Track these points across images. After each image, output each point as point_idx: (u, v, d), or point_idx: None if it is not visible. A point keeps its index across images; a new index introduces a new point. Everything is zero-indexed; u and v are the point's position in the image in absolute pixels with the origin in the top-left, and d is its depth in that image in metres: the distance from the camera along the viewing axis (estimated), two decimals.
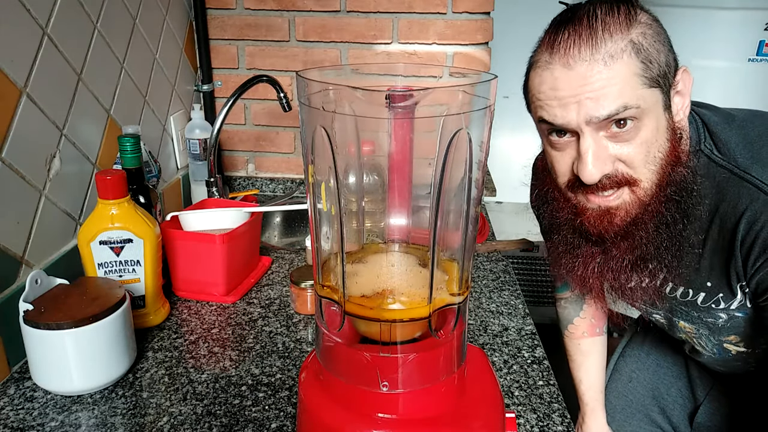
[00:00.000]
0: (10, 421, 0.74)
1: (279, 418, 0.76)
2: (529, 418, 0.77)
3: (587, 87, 0.67)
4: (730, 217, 0.73)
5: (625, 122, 0.68)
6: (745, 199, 0.71)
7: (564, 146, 0.73)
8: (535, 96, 0.73)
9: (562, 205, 0.78)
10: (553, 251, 0.85)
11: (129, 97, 1.17)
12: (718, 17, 1.98)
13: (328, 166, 0.52)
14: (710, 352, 0.90)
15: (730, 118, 0.78)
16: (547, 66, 0.70)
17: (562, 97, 0.69)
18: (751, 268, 0.72)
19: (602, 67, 0.66)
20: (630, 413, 1.12)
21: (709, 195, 0.74)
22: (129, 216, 0.88)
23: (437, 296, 0.54)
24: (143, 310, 0.95)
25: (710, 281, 0.79)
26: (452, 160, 0.52)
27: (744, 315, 0.79)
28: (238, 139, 1.62)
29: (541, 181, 0.83)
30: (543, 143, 0.78)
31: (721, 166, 0.74)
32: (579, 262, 0.80)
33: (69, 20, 0.95)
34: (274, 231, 1.55)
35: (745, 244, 0.72)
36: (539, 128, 0.76)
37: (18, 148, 0.84)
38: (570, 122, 0.69)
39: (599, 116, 0.67)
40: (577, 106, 0.68)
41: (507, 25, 1.87)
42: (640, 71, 0.67)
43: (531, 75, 0.73)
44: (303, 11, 1.47)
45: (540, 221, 0.94)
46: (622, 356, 1.18)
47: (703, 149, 0.76)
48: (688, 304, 0.83)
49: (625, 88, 0.67)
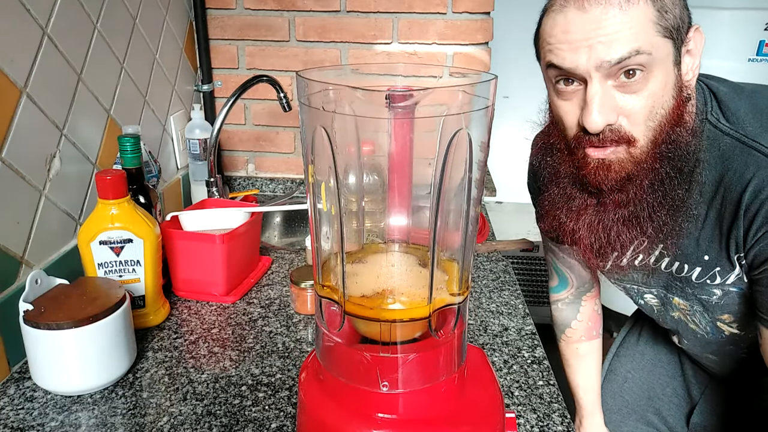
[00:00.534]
0: (10, 421, 0.74)
1: (279, 418, 0.76)
2: (529, 418, 0.77)
3: (600, 30, 0.66)
4: (735, 186, 0.72)
5: (634, 72, 0.67)
6: (753, 167, 0.70)
7: (571, 95, 0.72)
8: (545, 40, 0.71)
9: (565, 158, 0.77)
10: (548, 204, 0.83)
11: (129, 97, 1.17)
12: (718, 17, 1.99)
13: (328, 166, 0.52)
14: (704, 330, 0.89)
15: (738, 89, 0.77)
16: (561, 9, 0.68)
17: (573, 41, 0.67)
18: (752, 239, 0.71)
19: (617, 11, 0.65)
20: (626, 414, 1.12)
21: (714, 165, 0.73)
22: (129, 216, 0.88)
23: (437, 296, 0.54)
24: (143, 310, 0.95)
25: (708, 254, 0.78)
26: (452, 160, 0.52)
27: (738, 290, 0.79)
28: (238, 139, 1.62)
29: (546, 135, 0.82)
30: (549, 93, 0.77)
31: (728, 134, 0.73)
32: (573, 213, 0.79)
33: (69, 20, 0.95)
34: (274, 231, 1.55)
35: (748, 212, 0.70)
36: (546, 75, 0.75)
37: (18, 148, 0.84)
38: (579, 66, 0.68)
39: (610, 60, 0.66)
40: (588, 50, 0.67)
41: (507, 25, 1.87)
42: (655, 18, 0.66)
43: (543, 20, 0.72)
44: (303, 11, 1.47)
45: (535, 177, 0.93)
46: (616, 356, 1.17)
47: (709, 118, 0.75)
48: (683, 279, 0.83)
49: (639, 32, 0.66)
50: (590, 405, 1.06)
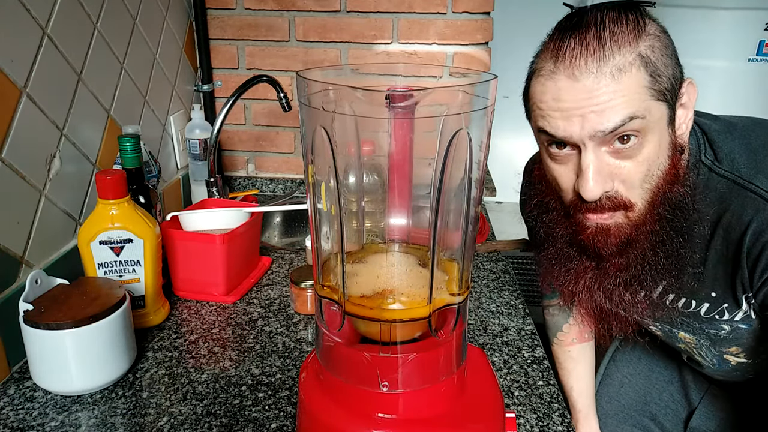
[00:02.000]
0: (10, 421, 0.74)
1: (279, 418, 0.76)
2: (529, 418, 0.77)
3: (593, 100, 0.64)
4: (735, 228, 0.71)
5: (629, 138, 0.66)
6: (750, 210, 0.69)
7: (564, 159, 0.71)
8: (536, 105, 0.70)
9: (562, 219, 0.76)
10: (545, 261, 0.83)
11: (129, 97, 1.17)
12: (718, 17, 1.99)
13: (328, 166, 0.52)
14: (710, 362, 0.89)
15: (731, 127, 0.76)
16: (551, 76, 0.67)
17: (565, 109, 0.66)
18: (758, 281, 0.71)
19: (609, 80, 0.64)
20: (622, 419, 1.11)
21: (711, 206, 0.73)
22: (129, 216, 0.88)
23: (437, 296, 0.54)
24: (143, 310, 0.95)
25: (715, 291, 0.77)
26: (452, 160, 0.52)
27: (748, 327, 0.78)
28: (238, 139, 1.62)
29: (539, 191, 0.80)
30: (542, 154, 0.76)
31: (722, 176, 0.72)
32: (571, 276, 0.78)
33: (69, 20, 0.95)
34: (274, 231, 1.55)
35: (751, 255, 0.70)
36: (538, 138, 0.74)
37: (18, 148, 0.84)
38: (572, 135, 0.66)
39: (604, 130, 0.65)
40: (581, 120, 0.65)
41: (507, 25, 1.87)
42: (648, 84, 0.65)
43: (533, 83, 0.70)
44: (303, 11, 1.47)
45: (532, 227, 0.92)
46: (612, 360, 1.16)
47: (703, 160, 0.74)
48: (691, 315, 0.82)
49: (633, 99, 0.64)
50: (585, 408, 1.05)
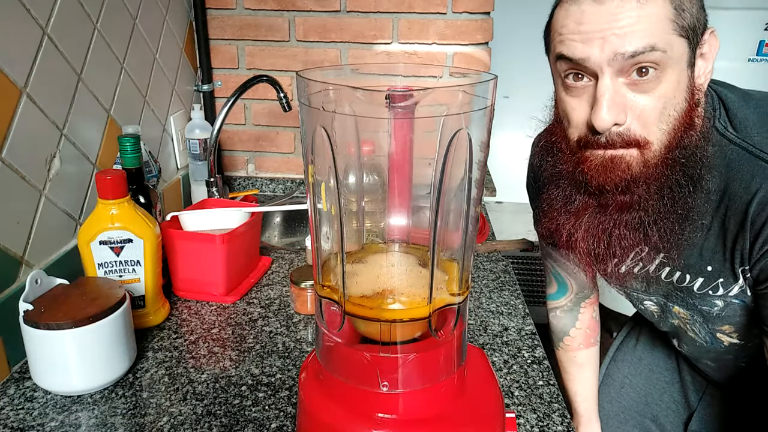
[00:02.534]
0: (10, 421, 0.74)
1: (279, 418, 0.76)
2: (529, 418, 0.77)
3: (615, 23, 0.63)
4: (741, 197, 0.70)
5: (648, 70, 0.65)
6: (759, 178, 0.68)
7: (580, 91, 0.69)
8: (557, 31, 0.68)
9: (567, 157, 0.74)
10: (546, 204, 0.80)
11: (129, 97, 1.17)
12: (718, 17, 1.98)
13: (328, 166, 0.52)
14: (702, 339, 0.88)
15: (747, 97, 0.75)
16: (576, 0, 0.66)
17: (586, 32, 0.65)
18: (758, 253, 0.70)
19: (635, 4, 0.63)
20: (623, 419, 1.11)
21: (719, 173, 0.71)
22: (129, 216, 0.88)
23: (437, 296, 0.54)
24: (143, 310, 0.95)
25: (711, 265, 0.76)
26: (452, 160, 0.51)
27: (741, 303, 0.77)
28: (238, 139, 1.62)
29: (549, 132, 0.79)
30: (556, 88, 0.74)
31: (734, 143, 0.71)
32: (571, 215, 0.76)
33: (69, 20, 0.95)
34: (274, 231, 1.55)
35: (755, 225, 0.69)
36: (555, 69, 0.72)
37: (18, 148, 0.84)
38: (591, 57, 0.65)
39: (624, 52, 0.63)
40: (602, 42, 0.64)
41: (507, 25, 1.88)
42: (672, 16, 0.64)
43: (556, 11, 0.70)
44: (303, 11, 1.47)
45: (535, 178, 0.90)
46: (613, 361, 1.16)
47: (717, 125, 0.73)
48: (684, 290, 0.81)
49: (656, 29, 0.63)
50: (588, 413, 1.05)
